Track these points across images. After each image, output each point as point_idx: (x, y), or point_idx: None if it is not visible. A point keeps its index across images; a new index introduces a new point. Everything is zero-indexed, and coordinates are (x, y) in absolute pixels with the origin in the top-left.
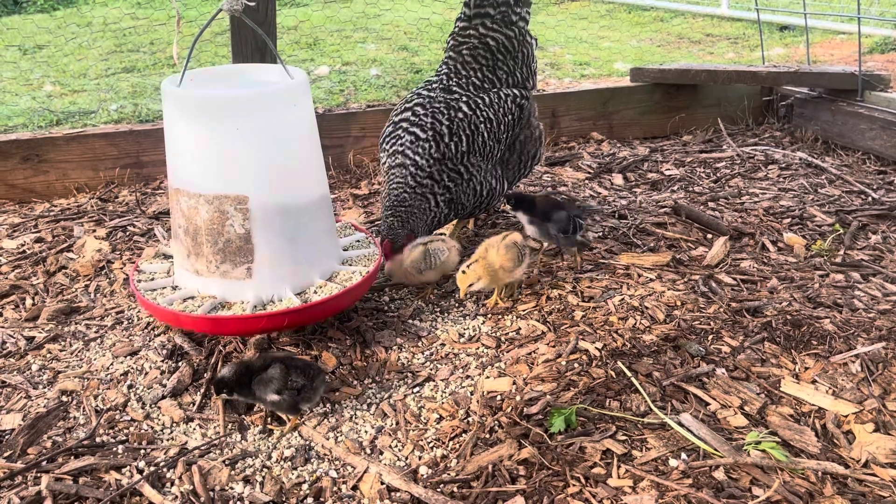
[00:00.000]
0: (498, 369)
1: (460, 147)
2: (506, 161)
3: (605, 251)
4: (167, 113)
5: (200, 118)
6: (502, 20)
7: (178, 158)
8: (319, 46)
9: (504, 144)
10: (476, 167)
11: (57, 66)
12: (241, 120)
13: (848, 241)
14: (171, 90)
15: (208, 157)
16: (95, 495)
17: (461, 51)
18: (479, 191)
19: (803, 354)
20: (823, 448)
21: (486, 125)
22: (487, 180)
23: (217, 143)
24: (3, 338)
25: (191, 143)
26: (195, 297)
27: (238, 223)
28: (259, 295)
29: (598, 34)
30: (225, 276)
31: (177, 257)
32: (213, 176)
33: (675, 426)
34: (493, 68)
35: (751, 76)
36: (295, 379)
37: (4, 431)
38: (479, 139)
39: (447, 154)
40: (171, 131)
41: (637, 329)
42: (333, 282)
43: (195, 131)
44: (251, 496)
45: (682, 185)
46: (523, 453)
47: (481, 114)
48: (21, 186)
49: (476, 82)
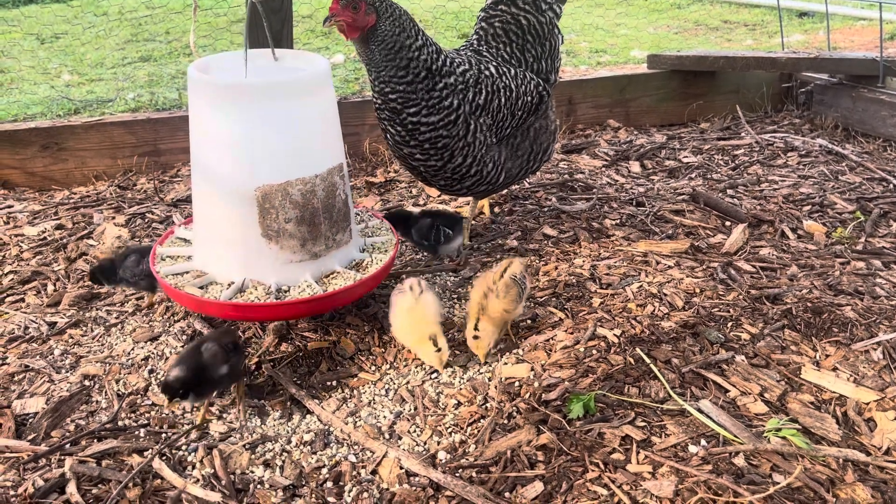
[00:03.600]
0: (516, 356)
1: (478, 98)
2: (515, 147)
3: (622, 238)
4: (291, 111)
5: (307, 100)
6: (534, 3)
7: (296, 149)
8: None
9: (516, 121)
10: (482, 132)
11: (74, 56)
12: (327, 94)
13: (869, 228)
14: (295, 85)
15: (321, 136)
16: (118, 478)
17: (493, 23)
18: (469, 165)
19: (824, 342)
20: (844, 435)
21: (505, 92)
22: (484, 160)
23: (319, 120)
24: (25, 323)
25: (314, 128)
26: (321, 281)
27: (341, 189)
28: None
29: (615, 21)
30: (338, 245)
31: (281, 255)
32: (323, 153)
33: (695, 413)
34: (522, 48)
35: (770, 63)
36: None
37: (28, 415)
38: (496, 101)
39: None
40: (292, 126)
41: (656, 316)
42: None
43: (311, 115)
44: (271, 479)
45: (700, 173)
46: (542, 439)
47: (504, 80)
48: (40, 174)
49: (505, 55)
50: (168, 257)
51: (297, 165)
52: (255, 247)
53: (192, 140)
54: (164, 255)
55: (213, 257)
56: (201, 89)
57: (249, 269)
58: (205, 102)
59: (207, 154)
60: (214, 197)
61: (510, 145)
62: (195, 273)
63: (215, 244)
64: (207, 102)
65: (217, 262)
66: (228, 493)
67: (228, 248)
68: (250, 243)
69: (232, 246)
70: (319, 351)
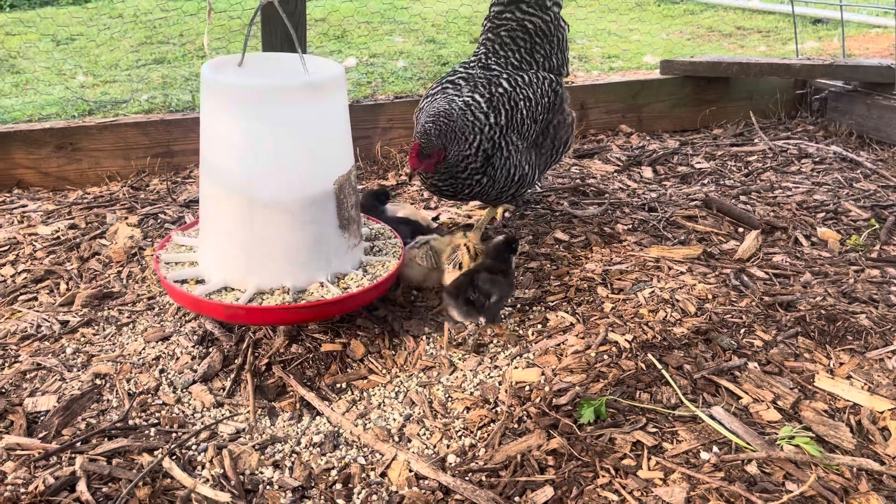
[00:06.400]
0: (526, 360)
1: (499, 120)
2: (539, 145)
3: (634, 244)
4: (315, 114)
5: (331, 102)
6: (537, 4)
7: (333, 150)
8: (347, 38)
9: (539, 126)
10: (514, 146)
11: (89, 57)
12: (342, 95)
13: (884, 236)
14: (322, 85)
15: (345, 136)
16: (128, 476)
17: (499, 32)
18: (513, 174)
19: (838, 349)
20: (858, 444)
21: (525, 103)
22: (521, 165)
23: (343, 121)
24: (38, 321)
25: (339, 129)
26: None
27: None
28: None
29: (628, 27)
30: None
31: (351, 241)
32: (349, 152)
33: (707, 419)
34: (531, 51)
35: (784, 69)
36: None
37: (40, 413)
38: (518, 115)
39: (486, 122)
40: (326, 128)
41: (667, 322)
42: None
43: (337, 117)
44: (280, 480)
45: (713, 179)
46: (552, 444)
47: (521, 91)
48: (55, 174)
49: (514, 62)
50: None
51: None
52: (333, 240)
53: (251, 155)
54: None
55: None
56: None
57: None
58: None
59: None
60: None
61: (536, 145)
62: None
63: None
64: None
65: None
66: (238, 494)
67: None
68: (328, 238)
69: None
70: (330, 353)
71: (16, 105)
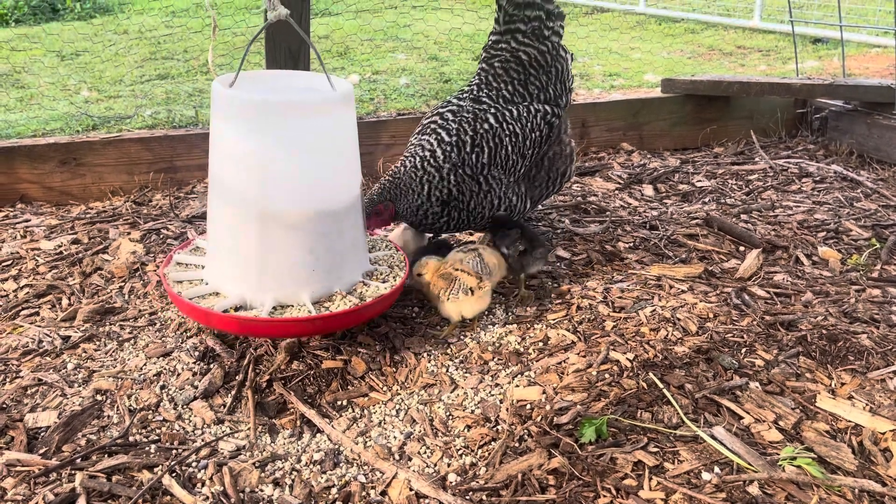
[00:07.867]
0: (527, 378)
1: (481, 158)
2: (532, 178)
3: (636, 262)
4: (331, 129)
5: (345, 118)
6: (534, 34)
7: (348, 164)
8: (350, 55)
9: (529, 160)
10: (496, 180)
11: (93, 73)
12: (352, 111)
13: (885, 256)
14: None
15: (357, 151)
16: (128, 493)
17: (493, 63)
18: (497, 206)
19: (839, 370)
20: (860, 465)
21: (510, 139)
22: (508, 196)
23: (354, 137)
24: (39, 336)
25: (352, 144)
26: None
27: None
28: None
29: (629, 45)
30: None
31: (354, 256)
32: (359, 167)
33: (708, 439)
34: (525, 83)
35: (784, 88)
36: None
37: (41, 428)
38: (502, 152)
39: (467, 161)
40: (341, 143)
41: (669, 340)
42: None
43: (350, 133)
44: (281, 499)
45: (714, 197)
46: (553, 463)
47: (507, 127)
48: (58, 189)
49: (506, 95)
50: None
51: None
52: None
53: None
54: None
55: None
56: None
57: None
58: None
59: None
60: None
61: (527, 178)
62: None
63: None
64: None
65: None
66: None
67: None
68: (343, 250)
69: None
70: (331, 370)
71: (20, 120)
